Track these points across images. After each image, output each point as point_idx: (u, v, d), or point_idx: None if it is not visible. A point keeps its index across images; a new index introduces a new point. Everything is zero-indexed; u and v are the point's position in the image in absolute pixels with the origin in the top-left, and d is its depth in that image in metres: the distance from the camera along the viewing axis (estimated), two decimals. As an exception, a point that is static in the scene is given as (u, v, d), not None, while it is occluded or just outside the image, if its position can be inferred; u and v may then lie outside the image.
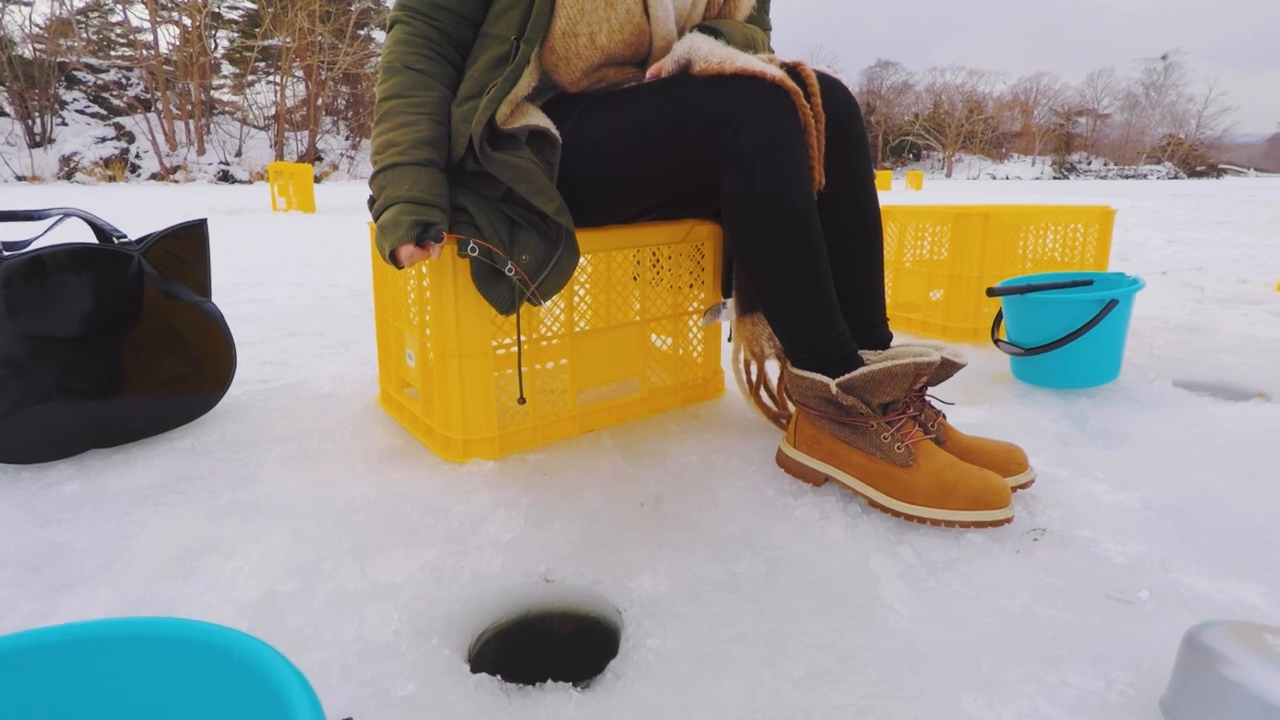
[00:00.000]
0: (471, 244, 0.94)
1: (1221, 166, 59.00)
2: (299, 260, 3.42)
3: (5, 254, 1.04)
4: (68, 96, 27.93)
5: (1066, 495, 0.95)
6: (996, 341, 1.48)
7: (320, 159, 31.14)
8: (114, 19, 31.47)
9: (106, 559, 0.80)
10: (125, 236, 1.17)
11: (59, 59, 27.96)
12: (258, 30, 30.95)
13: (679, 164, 0.95)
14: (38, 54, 27.71)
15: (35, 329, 1.03)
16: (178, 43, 29.82)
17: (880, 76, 60.41)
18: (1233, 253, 3.74)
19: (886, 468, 0.88)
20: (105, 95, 28.54)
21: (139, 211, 7.60)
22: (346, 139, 34.06)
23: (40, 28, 29.91)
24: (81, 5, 31.21)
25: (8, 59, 25.63)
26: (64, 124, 27.17)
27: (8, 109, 26.52)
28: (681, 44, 0.95)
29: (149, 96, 28.65)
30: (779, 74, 0.88)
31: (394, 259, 0.92)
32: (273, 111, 31.24)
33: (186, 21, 29.62)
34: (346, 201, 9.73)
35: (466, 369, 1.05)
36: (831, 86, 0.97)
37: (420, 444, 1.14)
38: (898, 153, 57.89)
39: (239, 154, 28.91)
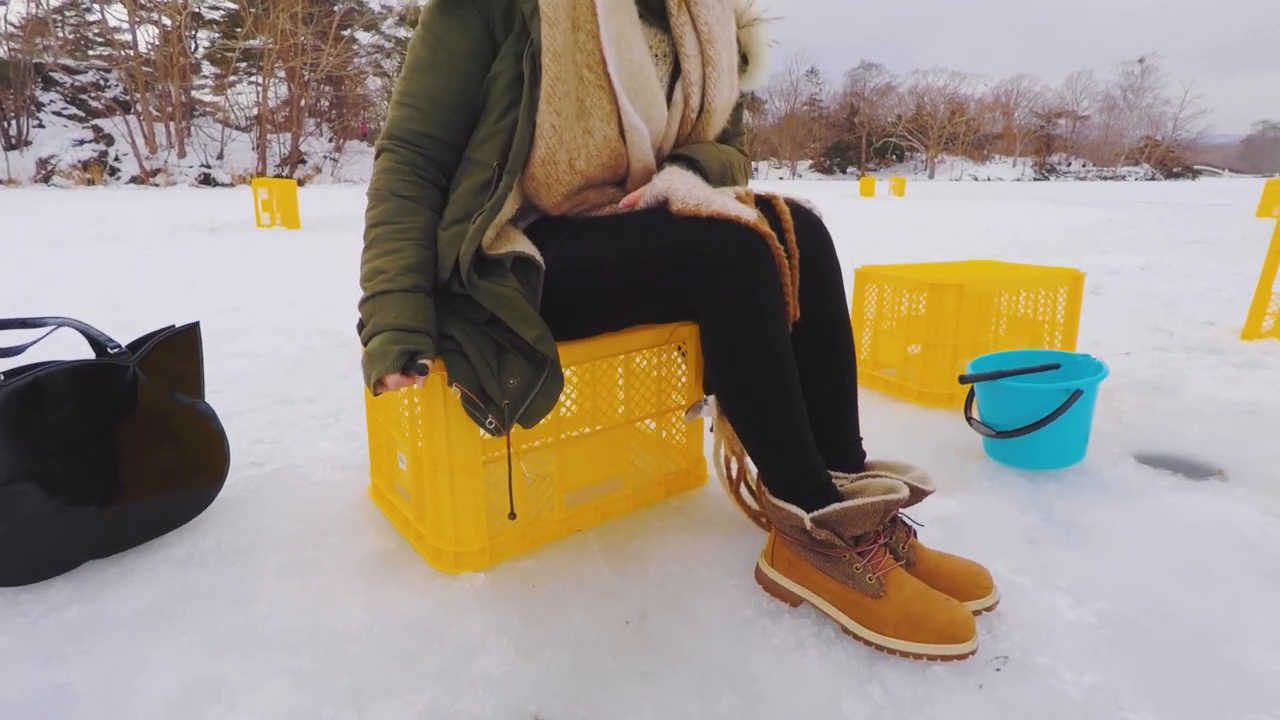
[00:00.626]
0: (454, 386, 0.98)
1: (1197, 168, 60.00)
2: (284, 298, 3.43)
3: (2, 377, 1.06)
4: (44, 98, 27.49)
5: (1029, 612, 1.00)
6: (969, 419, 1.54)
7: (303, 162, 30.89)
8: (91, 18, 31.03)
9: (110, 705, 0.83)
10: (119, 346, 1.19)
11: (35, 60, 27.49)
12: (239, 31, 30.61)
13: (657, 298, 1.00)
14: (13, 54, 27.25)
15: (33, 452, 1.05)
16: (157, 43, 29.45)
17: (864, 78, 60.86)
18: (1202, 285, 3.84)
19: (859, 597, 0.93)
20: (83, 97, 28.13)
21: (119, 221, 7.54)
22: (330, 141, 33.80)
23: (15, 27, 29.42)
24: (58, 4, 30.73)
25: (-18, 60, 25.14)
26: (41, 126, 26.76)
27: (-20, 109, 26.06)
28: (661, 180, 0.99)
29: (128, 98, 28.27)
30: (753, 217, 0.93)
31: (379, 385, 0.95)
32: (255, 112, 30.94)
33: (166, 22, 29.24)
34: (330, 213, 9.68)
35: (458, 485, 1.09)
36: (805, 220, 1.01)
37: (412, 549, 1.17)
38: (880, 154, 58.34)
39: (220, 157, 28.61)
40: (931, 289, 1.83)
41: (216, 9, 33.30)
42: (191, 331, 1.25)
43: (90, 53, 31.50)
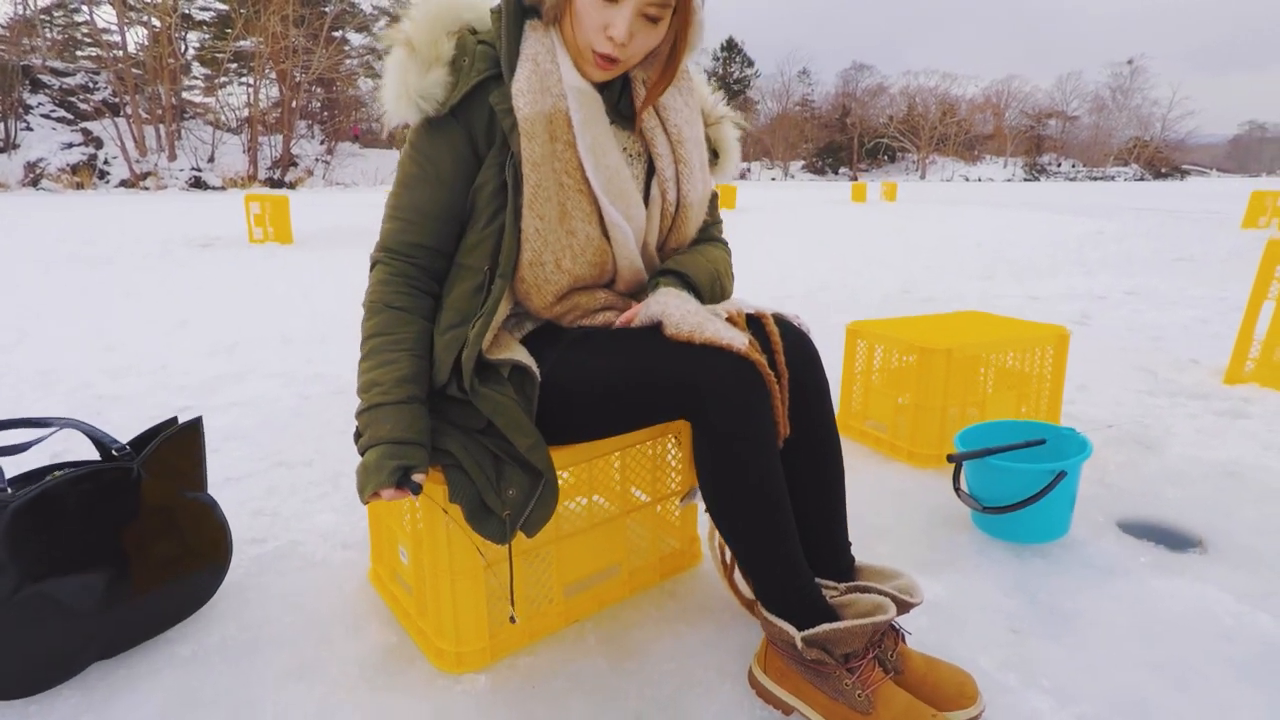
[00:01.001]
0: (447, 514, 1.02)
1: (1185, 168, 60.46)
2: (279, 334, 3.44)
3: (8, 488, 1.08)
4: (32, 100, 27.26)
5: (1014, 716, 1.04)
6: (957, 490, 1.57)
7: (295, 164, 30.75)
8: (79, 19, 30.79)
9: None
10: (124, 448, 1.21)
11: (22, 62, 27.24)
12: (229, 32, 30.44)
13: (650, 417, 1.04)
14: (0, 56, 27.00)
15: (41, 561, 1.07)
16: (146, 43, 29.24)
17: (855, 79, 61.01)
18: (1187, 315, 3.90)
19: (848, 712, 0.96)
20: (71, 99, 27.90)
21: (108, 236, 7.49)
22: (322, 144, 33.65)
23: (2, 27, 29.16)
24: (45, 4, 30.46)
25: (-32, 64, 24.91)
26: (29, 129, 26.53)
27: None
28: (655, 302, 1.02)
29: (117, 100, 28.06)
30: (744, 345, 0.96)
31: (374, 497, 0.99)
32: (246, 114, 30.78)
33: (156, 23, 29.03)
34: (323, 224, 9.66)
35: (459, 588, 1.12)
36: (794, 339, 1.04)
37: (414, 645, 1.20)
38: (873, 155, 58.52)
39: (211, 160, 28.44)
40: (921, 353, 1.87)
41: (207, 10, 33.11)
42: (194, 428, 1.27)
43: (79, 53, 31.26)
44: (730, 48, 59.65)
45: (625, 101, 1.13)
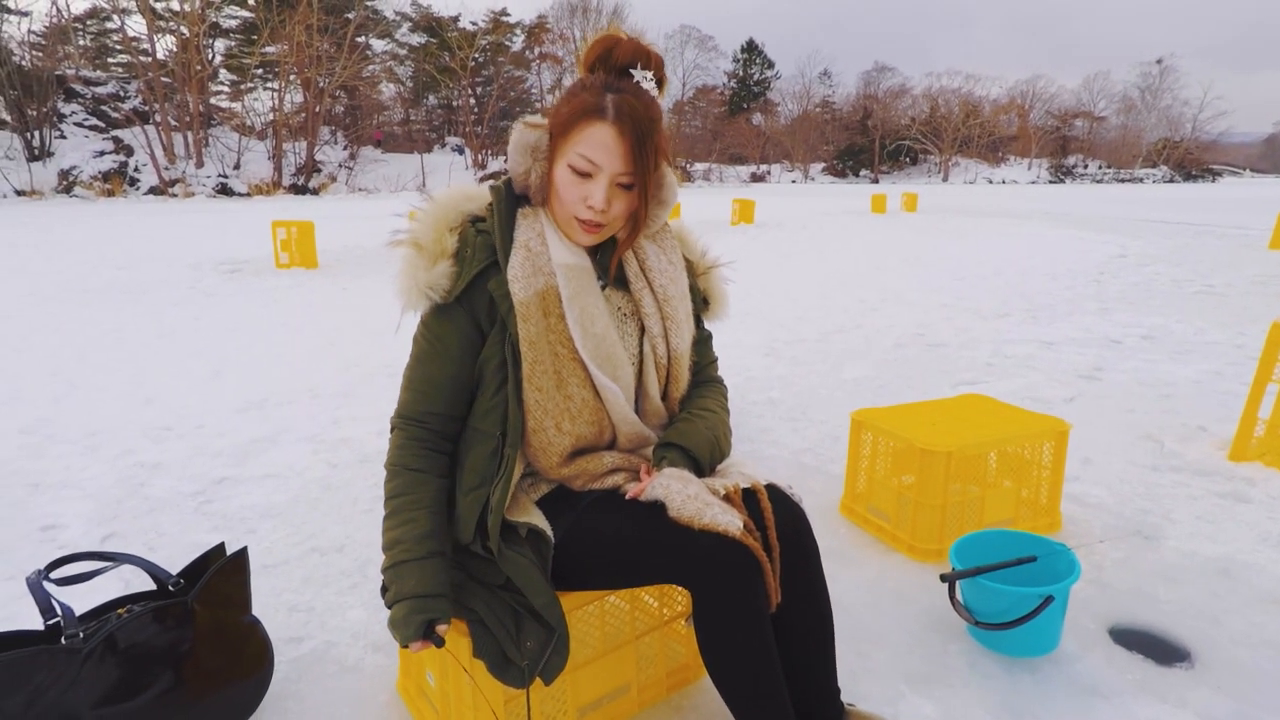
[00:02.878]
0: (469, 674, 1.14)
1: (1217, 169, 59.23)
2: (307, 386, 3.58)
3: (80, 633, 1.21)
4: (66, 109, 27.95)
5: None
6: (953, 601, 1.65)
7: (318, 170, 31.23)
8: (111, 27, 31.51)
9: None
10: (178, 581, 1.33)
11: (56, 72, 27.95)
12: (255, 39, 30.97)
13: (653, 581, 1.15)
14: (35, 64, 27.72)
15: (109, 701, 1.20)
16: (175, 50, 29.84)
17: (877, 80, 60.49)
18: (1201, 368, 3.91)
19: None
20: (103, 108, 28.57)
21: (140, 257, 7.75)
22: (345, 149, 34.12)
23: (38, 35, 29.92)
24: (79, 13, 31.23)
25: (6, 74, 25.62)
26: (62, 137, 27.20)
27: (5, 115, 26.57)
28: (659, 485, 1.12)
29: (147, 108, 28.69)
30: (739, 529, 1.05)
31: (405, 647, 1.11)
32: (271, 117, 31.31)
33: (185, 31, 29.63)
34: (346, 245, 9.87)
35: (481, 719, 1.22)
36: (787, 512, 1.14)
37: (438, 767, 1.30)
38: (894, 157, 58.02)
39: (237, 166, 28.98)
40: (922, 455, 1.94)
41: (233, 17, 33.72)
42: (240, 559, 1.39)
43: (110, 60, 31.99)
44: (750, 49, 59.46)
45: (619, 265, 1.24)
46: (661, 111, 1.14)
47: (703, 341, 1.36)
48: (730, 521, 1.06)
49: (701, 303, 1.36)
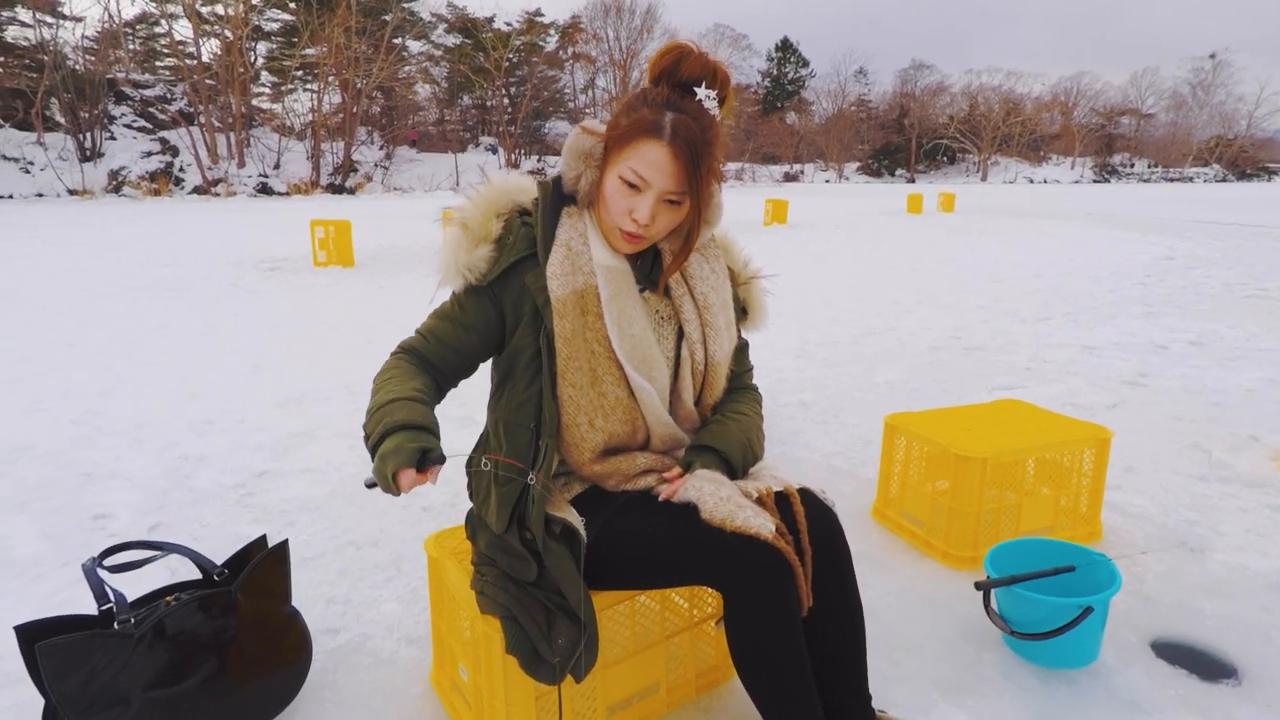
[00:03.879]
0: (485, 460, 1.18)
1: (1273, 167, 57.01)
2: (344, 384, 3.65)
3: (131, 618, 1.25)
4: (115, 111, 28.93)
5: None
6: (988, 610, 1.62)
7: (355, 170, 31.82)
8: (159, 31, 32.50)
9: None
10: (223, 571, 1.38)
11: (107, 75, 28.93)
12: (296, 41, 31.67)
13: (685, 583, 1.15)
14: (88, 68, 28.73)
15: (158, 684, 1.24)
16: (219, 53, 30.67)
17: (914, 78, 59.51)
18: (1253, 375, 3.78)
19: None
20: (151, 110, 29.49)
21: (186, 256, 8.00)
22: (381, 149, 34.70)
23: (91, 40, 31.01)
24: (129, 18, 32.26)
25: (61, 78, 26.59)
26: (112, 138, 28.17)
27: (59, 118, 27.60)
28: (691, 487, 1.13)
29: (192, 110, 29.53)
30: (771, 532, 1.05)
31: (395, 483, 1.00)
32: (310, 118, 32.01)
33: (229, 34, 30.45)
34: (381, 244, 10.04)
35: (514, 715, 1.24)
36: (819, 516, 1.13)
37: (470, 760, 1.33)
38: (931, 156, 57.04)
39: (277, 166, 29.69)
40: (957, 461, 1.91)
41: (275, 20, 34.54)
42: (280, 551, 1.42)
43: (158, 63, 33.00)
44: (785, 48, 59.01)
45: (657, 269, 1.25)
46: (720, 133, 1.14)
47: (740, 350, 1.36)
48: (762, 525, 1.05)
49: (740, 312, 1.36)
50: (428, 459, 1.01)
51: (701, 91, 1.12)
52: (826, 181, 51.17)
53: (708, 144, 1.11)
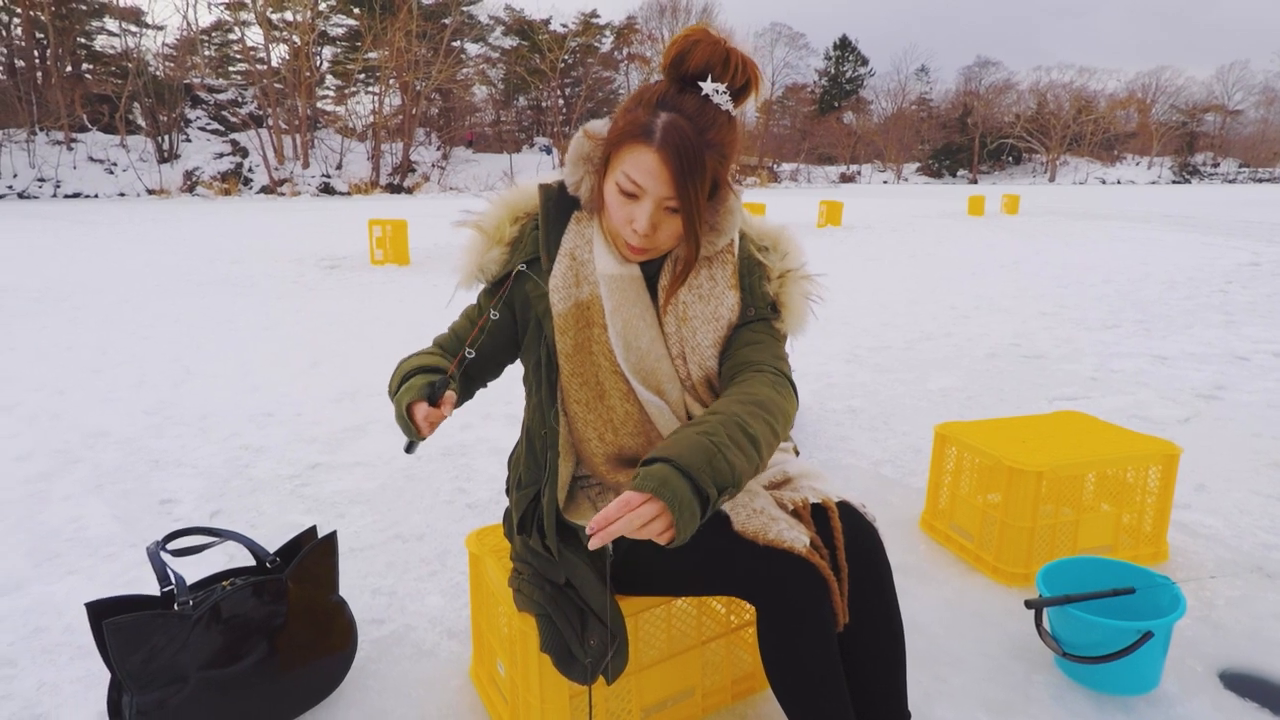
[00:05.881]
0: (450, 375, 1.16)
1: (1372, 166, 53.14)
2: (399, 378, 3.75)
3: (190, 600, 1.31)
4: (191, 115, 30.44)
5: None
6: (1039, 629, 1.56)
7: (413, 170, 32.66)
8: (232, 37, 34.02)
9: None
10: (275, 559, 1.43)
11: (185, 81, 30.45)
12: (359, 46, 32.71)
13: (717, 592, 1.14)
14: (167, 74, 30.31)
15: (212, 664, 1.29)
16: (288, 57, 31.93)
17: (979, 76, 57.67)
18: (1341, 389, 3.53)
19: None
20: (223, 113, 30.92)
21: (253, 253, 8.37)
22: (438, 150, 35.53)
23: (170, 48, 32.70)
24: (206, 26, 33.87)
25: (143, 84, 28.11)
26: (188, 140, 29.64)
27: (141, 121, 29.21)
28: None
29: (261, 113, 30.82)
30: (805, 546, 1.02)
31: (412, 420, 1.08)
32: (370, 120, 33.02)
33: (296, 40, 31.66)
34: (436, 243, 10.28)
35: (548, 714, 1.25)
36: (859, 532, 1.10)
37: (506, 756, 1.34)
38: (995, 156, 55.17)
39: (339, 167, 30.74)
40: (1010, 474, 1.84)
41: (340, 26, 35.76)
42: (329, 542, 1.47)
43: (230, 68, 34.56)
44: (843, 46, 57.97)
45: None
46: (729, 131, 1.03)
47: (758, 344, 1.14)
48: (796, 537, 1.03)
49: (770, 308, 1.18)
50: (436, 389, 1.08)
51: (708, 85, 1.00)
52: (884, 183, 50.04)
53: (705, 146, 1.00)
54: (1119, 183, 48.21)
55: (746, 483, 0.95)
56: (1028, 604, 1.50)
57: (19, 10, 27.98)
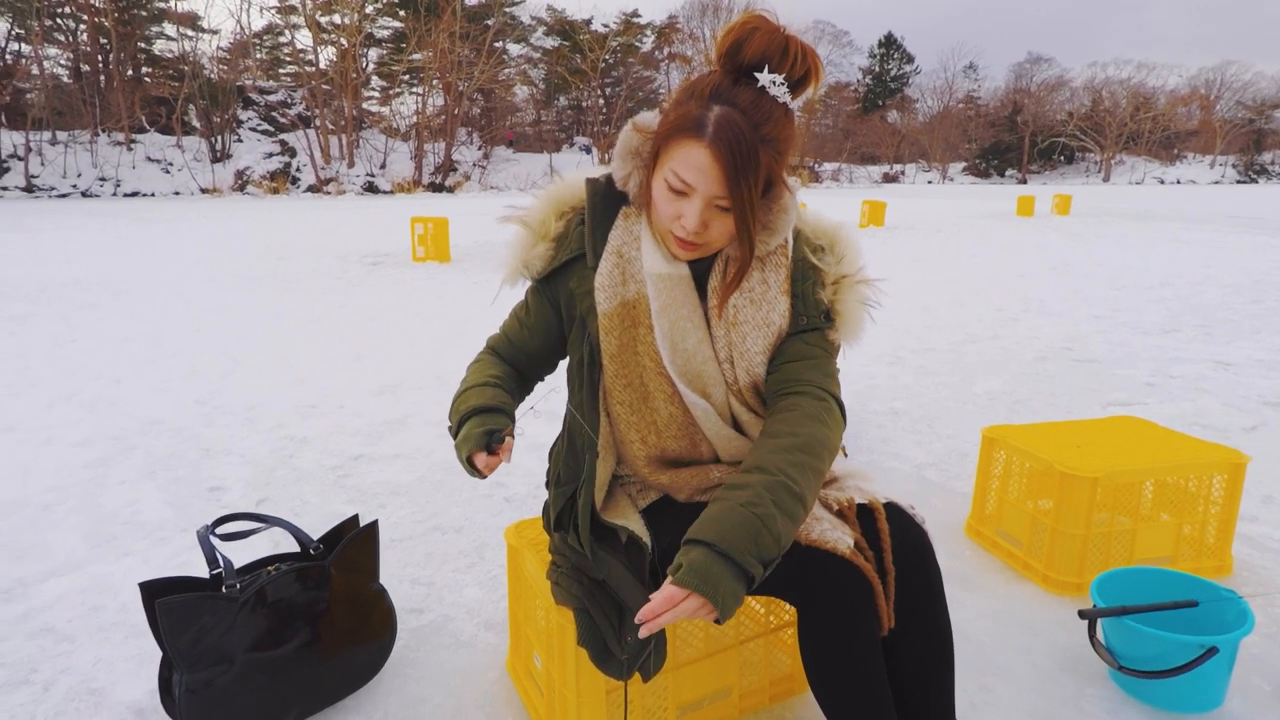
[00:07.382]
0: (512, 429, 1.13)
1: None
2: (435, 375, 3.80)
3: (238, 584, 1.34)
4: (243, 116, 31.41)
5: None
6: (1093, 640, 1.50)
7: (455, 169, 33.14)
8: (283, 40, 35.00)
9: None
10: (319, 546, 1.45)
11: (237, 83, 31.45)
12: (404, 47, 33.32)
13: (759, 596, 1.10)
14: (221, 76, 31.34)
15: (257, 646, 1.32)
16: (335, 59, 32.72)
17: (1030, 72, 56.07)
18: None
19: None
20: (273, 114, 31.83)
21: (299, 249, 8.60)
22: (479, 149, 35.99)
23: (224, 51, 33.79)
24: (258, 29, 34.92)
25: (198, 86, 29.12)
26: (239, 140, 30.58)
27: (195, 122, 30.25)
28: None
29: (309, 114, 31.64)
30: (849, 547, 1.00)
31: (473, 466, 1.08)
32: (414, 120, 33.62)
33: (344, 42, 32.41)
34: (477, 240, 10.40)
35: (584, 707, 1.24)
36: (907, 534, 1.06)
37: (542, 749, 1.34)
38: (1046, 155, 53.59)
39: (383, 166, 31.36)
40: (1063, 479, 1.78)
41: (385, 28, 36.48)
42: (371, 531, 1.49)
43: (280, 71, 35.56)
44: (888, 44, 56.97)
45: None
46: (786, 126, 0.98)
47: (809, 359, 1.10)
48: (839, 539, 1.01)
49: (823, 316, 1.12)
50: (493, 440, 1.07)
51: (764, 77, 0.95)
52: (929, 183, 49.03)
53: (761, 141, 0.95)
54: (1179, 182, 46.40)
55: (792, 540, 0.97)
56: (1082, 614, 1.44)
57: (85, 17, 29.25)
